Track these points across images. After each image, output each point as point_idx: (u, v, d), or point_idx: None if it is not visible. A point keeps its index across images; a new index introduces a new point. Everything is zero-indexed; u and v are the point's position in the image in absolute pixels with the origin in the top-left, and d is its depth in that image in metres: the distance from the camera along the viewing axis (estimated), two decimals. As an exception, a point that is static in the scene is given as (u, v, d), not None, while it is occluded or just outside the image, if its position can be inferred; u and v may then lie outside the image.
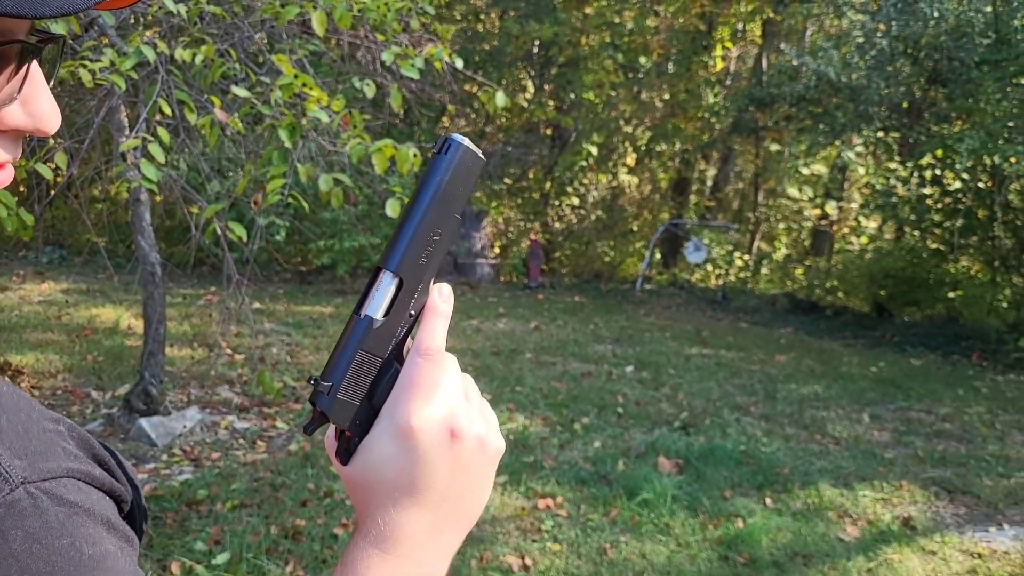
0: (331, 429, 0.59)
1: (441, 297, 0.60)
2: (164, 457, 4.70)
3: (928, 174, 10.14)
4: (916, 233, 11.88)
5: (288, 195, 3.23)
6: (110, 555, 0.44)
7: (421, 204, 0.57)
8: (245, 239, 3.19)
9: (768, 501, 4.57)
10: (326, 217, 11.01)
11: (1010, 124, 8.28)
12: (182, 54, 3.07)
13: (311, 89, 3.08)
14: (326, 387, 0.56)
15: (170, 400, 5.49)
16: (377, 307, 0.58)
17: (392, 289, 0.57)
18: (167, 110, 3.01)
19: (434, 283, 0.60)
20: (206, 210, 3.19)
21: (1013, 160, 7.47)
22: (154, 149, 2.92)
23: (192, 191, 4.04)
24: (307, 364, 6.80)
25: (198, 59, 3.04)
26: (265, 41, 4.01)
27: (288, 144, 3.11)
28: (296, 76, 3.03)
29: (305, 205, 3.28)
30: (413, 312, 0.59)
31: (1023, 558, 4.09)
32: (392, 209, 3.28)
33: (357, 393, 0.57)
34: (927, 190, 10.36)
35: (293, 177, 3.41)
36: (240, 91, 2.99)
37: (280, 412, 5.52)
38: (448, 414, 0.57)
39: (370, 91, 3.65)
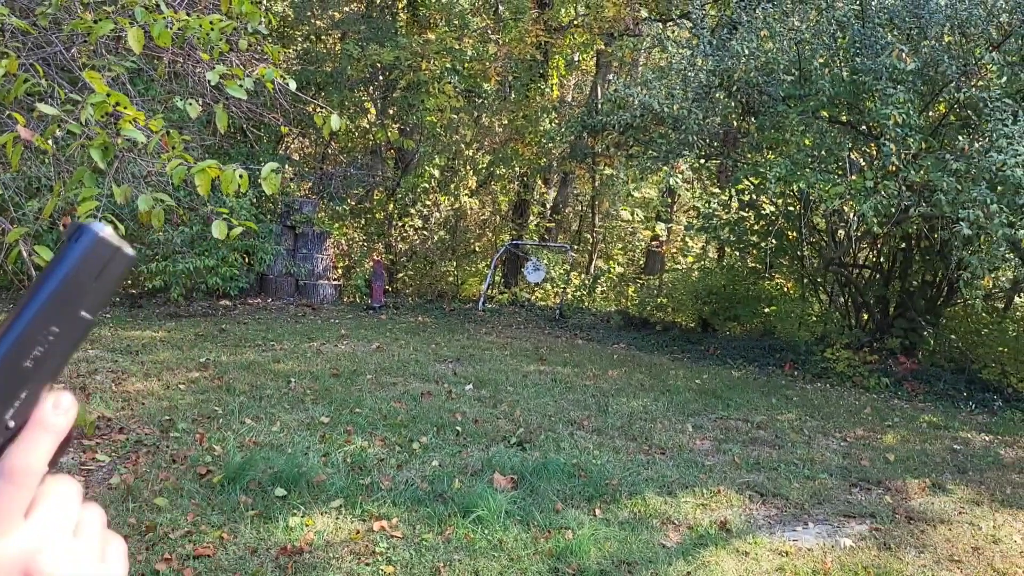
0: None
1: (56, 409, 0.49)
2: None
3: (745, 198, 10.91)
4: (736, 253, 12.74)
5: (101, 217, 3.10)
6: None
7: (36, 297, 0.49)
8: (54, 263, 3.02)
9: (597, 512, 4.76)
10: (158, 239, 10.55)
11: (814, 153, 9.06)
12: (-19, 68, 2.90)
13: (126, 108, 2.98)
14: None
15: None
16: None
17: None
18: (-37, 127, 2.83)
19: (51, 390, 0.50)
20: (9, 233, 3.01)
21: (818, 186, 8.16)
22: (-52, 168, 2.74)
23: (-4, 212, 3.79)
24: (134, 392, 6.46)
25: (-1, 74, 2.87)
26: (81, 59, 3.84)
27: (101, 164, 2.99)
28: (109, 94, 2.93)
29: (121, 227, 3.16)
30: (12, 424, 0.48)
31: (824, 554, 4.46)
32: (219, 231, 3.22)
33: None
34: (744, 213, 11.13)
35: (110, 198, 3.28)
36: (46, 108, 2.85)
37: (101, 444, 5.23)
38: (28, 551, 0.46)
39: (193, 111, 3.57)
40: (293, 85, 3.97)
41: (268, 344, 8.83)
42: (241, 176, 3.20)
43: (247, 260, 12.33)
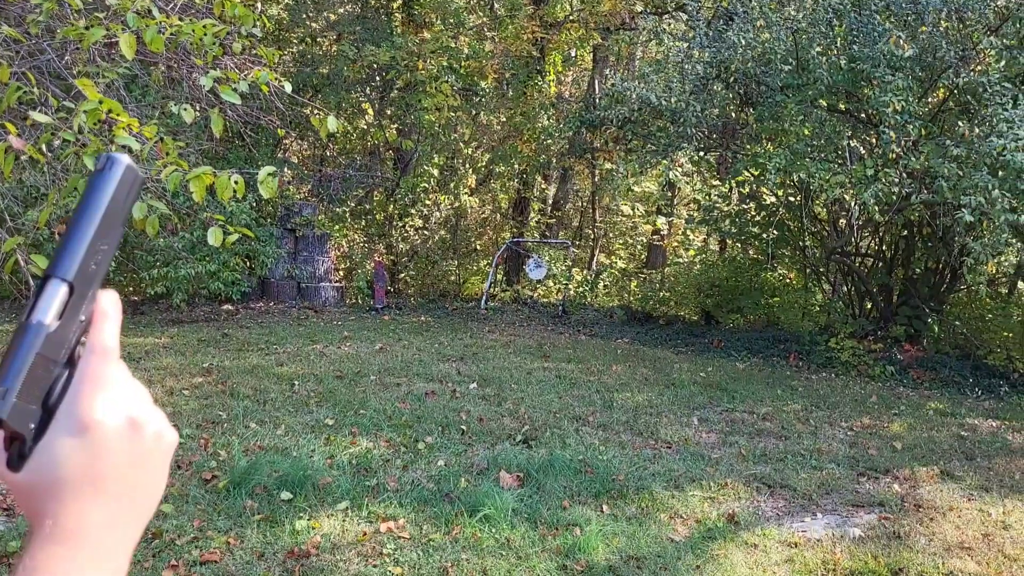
0: None
1: (109, 301, 0.62)
2: (-29, 510, 4.34)
3: (745, 190, 10.89)
4: (738, 245, 12.72)
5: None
6: None
7: (90, 215, 0.60)
8: (52, 272, 3.02)
9: (605, 508, 4.74)
10: (159, 245, 10.55)
11: (813, 143, 9.03)
12: (-27, 78, 2.89)
13: (119, 114, 2.96)
14: (1, 391, 0.56)
15: (-22, 448, 5.07)
16: (49, 313, 0.58)
17: (63, 296, 0.59)
18: (-43, 137, 2.82)
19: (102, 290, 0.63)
20: (5, 243, 3.00)
21: (818, 176, 8.13)
22: (-57, 179, 2.73)
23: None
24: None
25: (-9, 83, 2.86)
26: (77, 68, 3.82)
27: (96, 172, 2.98)
28: (101, 101, 2.91)
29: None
30: (83, 318, 0.61)
31: (834, 544, 4.44)
32: (214, 238, 3.20)
33: (33, 397, 0.57)
34: (745, 205, 11.11)
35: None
36: (39, 116, 2.84)
37: (105, 453, 5.21)
38: (128, 406, 0.60)
39: (188, 116, 3.55)
40: (289, 87, 3.94)
41: (271, 348, 8.82)
42: (236, 182, 3.19)
43: (248, 264, 12.32)
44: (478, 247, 16.06)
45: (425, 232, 15.31)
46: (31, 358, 0.57)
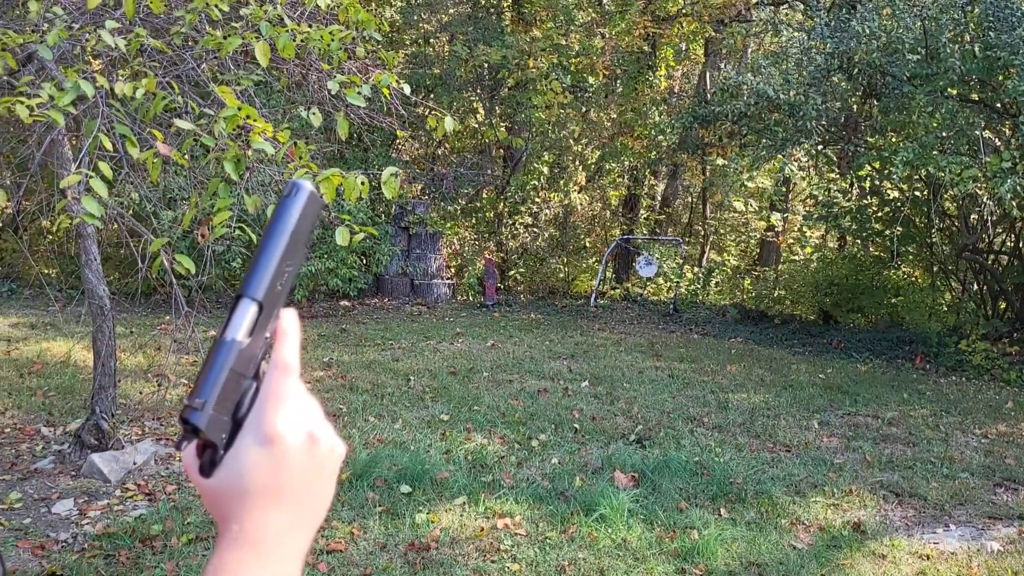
0: (191, 448, 0.63)
1: (289, 320, 0.65)
2: (118, 493, 4.63)
3: (867, 184, 10.44)
4: (858, 242, 12.21)
5: (235, 226, 3.24)
6: None
7: (278, 239, 0.64)
8: (193, 271, 3.18)
9: (723, 511, 4.65)
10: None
11: (943, 135, 8.57)
12: (122, 88, 3.08)
13: (255, 120, 3.10)
14: (200, 403, 0.60)
15: (123, 434, 5.41)
16: (241, 330, 0.62)
17: (253, 314, 0.63)
18: (108, 145, 3.00)
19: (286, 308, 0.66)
20: (152, 244, 3.18)
21: (949, 169, 7.72)
22: (96, 184, 2.92)
23: (138, 224, 4.02)
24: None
25: (139, 93, 3.04)
26: (208, 74, 4.02)
27: (234, 176, 3.12)
28: (240, 107, 3.05)
29: (253, 236, 3.29)
30: (268, 335, 0.64)
31: (969, 558, 4.22)
32: (342, 237, 3.31)
33: (226, 409, 0.61)
34: (867, 200, 10.66)
35: (241, 208, 3.42)
36: (183, 123, 3.00)
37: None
38: (307, 421, 0.63)
39: (316, 120, 3.68)
40: (408, 89, 4.03)
41: (387, 343, 9.05)
42: (363, 183, 3.28)
43: (364, 262, 12.67)
44: (587, 244, 15.99)
45: (535, 230, 15.35)
46: (225, 373, 0.61)
